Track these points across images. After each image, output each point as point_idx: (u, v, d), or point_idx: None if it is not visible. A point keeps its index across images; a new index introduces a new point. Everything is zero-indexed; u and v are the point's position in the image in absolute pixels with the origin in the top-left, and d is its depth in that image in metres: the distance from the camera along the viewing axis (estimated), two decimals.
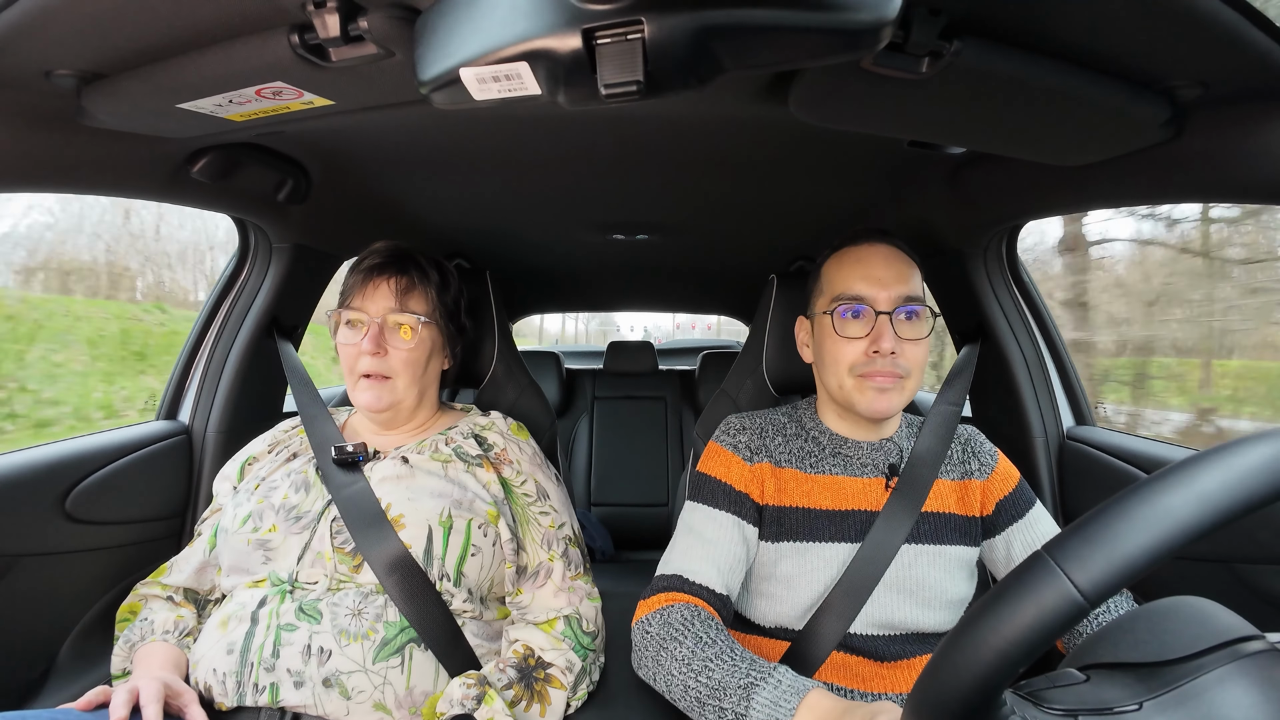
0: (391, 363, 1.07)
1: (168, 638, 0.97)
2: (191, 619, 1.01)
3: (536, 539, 1.06)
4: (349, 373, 1.07)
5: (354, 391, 1.07)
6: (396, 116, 0.94)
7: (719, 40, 0.53)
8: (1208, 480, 0.42)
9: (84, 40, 0.68)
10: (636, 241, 1.86)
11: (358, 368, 1.06)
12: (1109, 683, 0.50)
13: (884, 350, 0.94)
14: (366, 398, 1.06)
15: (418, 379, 1.10)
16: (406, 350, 1.08)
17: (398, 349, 1.07)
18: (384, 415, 1.09)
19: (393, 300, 1.07)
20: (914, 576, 0.96)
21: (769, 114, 0.87)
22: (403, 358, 1.07)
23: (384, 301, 1.07)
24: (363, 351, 1.04)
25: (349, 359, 1.07)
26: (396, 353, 1.07)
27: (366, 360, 1.05)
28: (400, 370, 1.07)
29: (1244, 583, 0.98)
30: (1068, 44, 0.67)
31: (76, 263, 6.97)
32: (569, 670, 0.97)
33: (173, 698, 0.84)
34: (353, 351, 1.06)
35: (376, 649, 0.89)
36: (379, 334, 1.05)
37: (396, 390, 1.08)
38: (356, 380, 1.07)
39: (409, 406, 1.12)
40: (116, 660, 0.97)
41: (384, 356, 1.06)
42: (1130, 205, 0.97)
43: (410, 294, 1.09)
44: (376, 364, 1.05)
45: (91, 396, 5.51)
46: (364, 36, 0.63)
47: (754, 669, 0.77)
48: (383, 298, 1.07)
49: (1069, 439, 1.36)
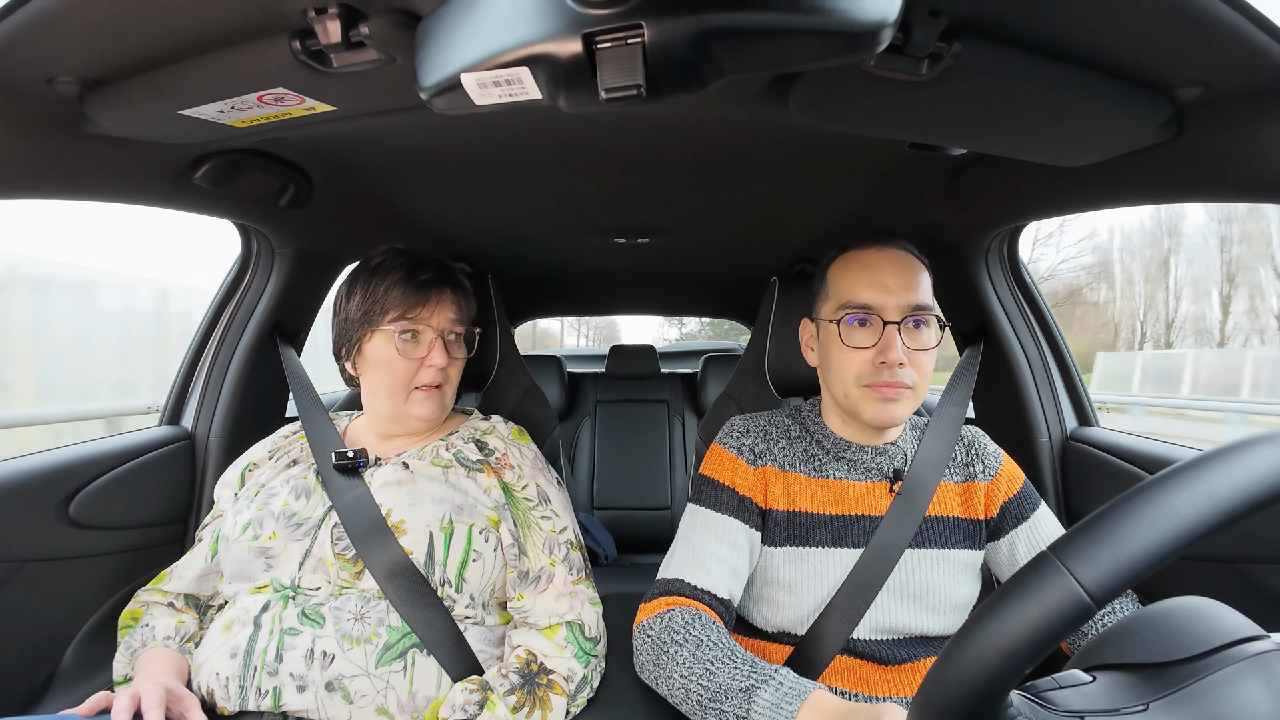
0: (450, 373, 1.10)
1: (169, 643, 0.97)
2: (193, 624, 1.01)
3: (538, 544, 1.06)
4: (401, 386, 1.07)
5: (404, 404, 1.08)
6: (398, 121, 0.95)
7: (719, 43, 0.53)
8: (1214, 479, 0.42)
9: (86, 47, 0.69)
10: (638, 244, 1.86)
11: (416, 380, 1.07)
12: (1115, 684, 0.50)
13: (891, 361, 0.92)
14: (427, 409, 1.08)
15: (457, 385, 1.14)
16: (462, 360, 1.13)
17: (456, 360, 1.11)
18: (433, 423, 1.12)
19: (454, 312, 1.11)
20: (918, 581, 0.96)
21: (769, 116, 0.87)
22: (458, 368, 1.13)
23: (445, 314, 1.10)
24: (431, 364, 1.07)
25: (405, 372, 1.07)
26: (455, 364, 1.11)
27: (432, 372, 1.07)
28: (453, 378, 1.12)
29: (1250, 582, 0.98)
30: (1068, 45, 0.67)
31: None
32: (570, 678, 0.97)
33: (174, 703, 0.84)
34: (412, 366, 1.07)
35: (379, 653, 0.89)
36: (444, 346, 1.08)
37: (447, 397, 1.11)
38: (409, 392, 1.07)
39: (448, 412, 1.16)
40: (118, 667, 0.97)
41: (447, 368, 1.09)
42: (1132, 205, 0.97)
43: (465, 305, 1.14)
44: (441, 375, 1.08)
45: None
46: (365, 42, 0.64)
47: (755, 671, 0.77)
48: (445, 310, 1.10)
49: (1072, 440, 1.36)
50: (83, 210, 11.51)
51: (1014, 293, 1.41)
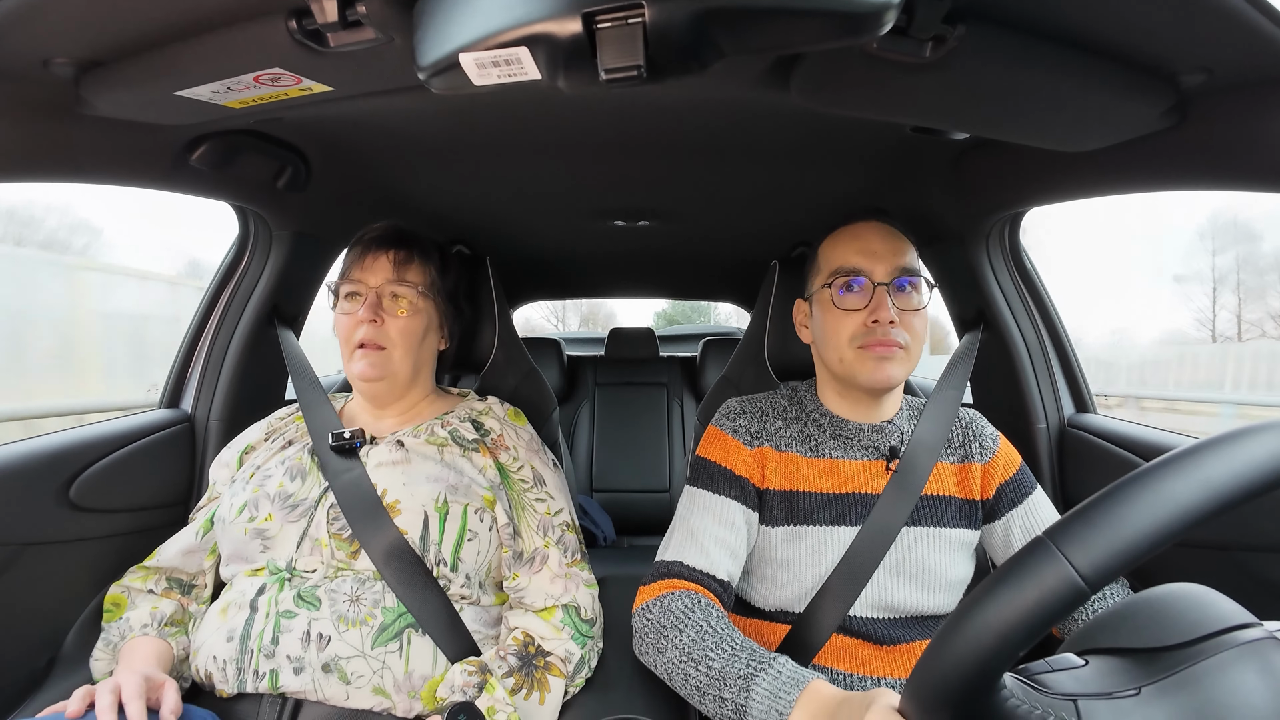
0: (388, 332, 1.07)
1: (147, 630, 0.97)
2: (170, 606, 1.01)
3: (532, 525, 1.06)
4: (345, 344, 1.08)
5: (349, 363, 1.08)
6: (396, 102, 0.94)
7: (720, 24, 0.53)
8: (1211, 466, 0.42)
9: (82, 28, 0.68)
10: (637, 227, 1.85)
11: (354, 337, 1.06)
12: (1108, 668, 0.50)
13: (883, 320, 0.94)
14: (361, 366, 1.06)
15: (412, 350, 1.10)
16: (404, 320, 1.09)
17: (395, 318, 1.08)
18: (378, 386, 1.10)
19: (390, 271, 1.09)
20: (914, 559, 0.97)
21: (770, 99, 0.86)
22: (399, 327, 1.08)
23: (382, 273, 1.08)
24: (360, 320, 1.05)
25: (346, 330, 1.07)
26: (393, 321, 1.08)
27: (364, 329, 1.05)
28: (396, 340, 1.08)
29: (1244, 570, 0.99)
30: (1071, 30, 0.66)
31: None
32: (568, 659, 0.98)
33: (152, 690, 0.84)
34: (350, 322, 1.07)
35: (375, 634, 0.90)
36: (376, 303, 1.07)
37: (392, 360, 1.08)
38: (352, 351, 1.07)
39: (404, 380, 1.12)
40: (98, 665, 0.97)
41: (381, 325, 1.06)
42: (1135, 192, 0.97)
43: (408, 266, 1.11)
44: (373, 333, 1.06)
45: None
46: (362, 21, 0.63)
47: (754, 659, 0.78)
48: (381, 269, 1.09)
49: (1070, 426, 1.36)
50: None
51: (1014, 279, 1.40)
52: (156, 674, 0.86)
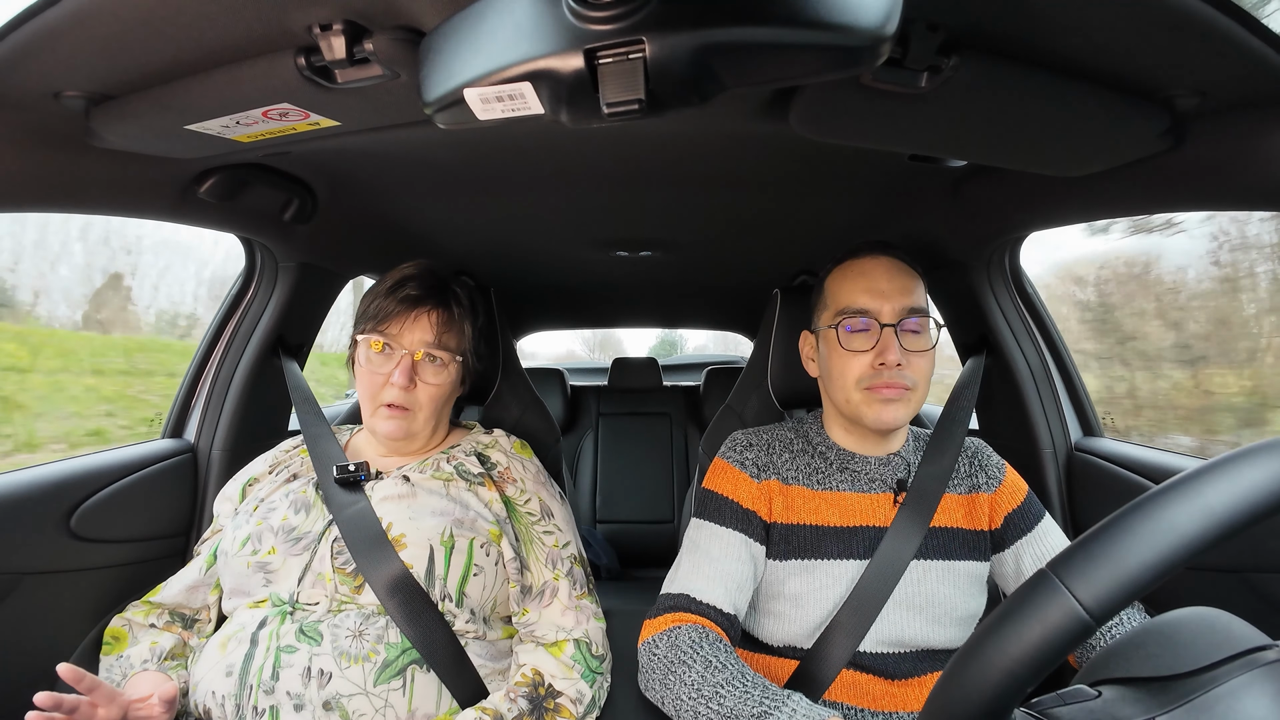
0: (418, 397, 1.06)
1: (147, 666, 0.96)
2: (170, 640, 1.00)
3: (541, 558, 1.05)
4: (369, 398, 1.06)
5: (372, 419, 1.07)
6: (402, 136, 0.95)
7: (719, 58, 0.54)
8: (1211, 492, 0.41)
9: (92, 62, 0.69)
10: (640, 258, 1.87)
11: (381, 396, 1.05)
12: (1121, 698, 0.49)
13: (890, 362, 0.93)
14: (388, 427, 1.05)
15: (438, 411, 1.10)
16: (435, 386, 1.07)
17: (427, 384, 1.06)
18: (400, 442, 1.09)
19: (431, 334, 1.06)
20: (923, 593, 0.95)
21: (770, 130, 0.88)
22: (430, 393, 1.07)
23: (422, 335, 1.06)
24: (392, 383, 1.03)
25: (372, 385, 1.05)
26: (425, 388, 1.06)
27: (393, 392, 1.03)
28: (424, 404, 1.07)
29: (1256, 592, 0.97)
30: (1065, 56, 0.67)
31: None
32: (579, 700, 0.96)
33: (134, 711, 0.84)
34: (378, 380, 1.05)
35: (377, 671, 0.88)
36: (411, 367, 1.04)
37: (417, 421, 1.07)
38: (377, 408, 1.05)
39: (425, 435, 1.12)
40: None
41: (412, 391, 1.05)
42: (1133, 215, 0.98)
43: (449, 330, 1.09)
44: (404, 397, 1.04)
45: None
46: (370, 58, 0.64)
47: (766, 696, 0.76)
48: (420, 330, 1.06)
49: (1077, 450, 1.35)
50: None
51: (1016, 304, 1.40)
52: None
